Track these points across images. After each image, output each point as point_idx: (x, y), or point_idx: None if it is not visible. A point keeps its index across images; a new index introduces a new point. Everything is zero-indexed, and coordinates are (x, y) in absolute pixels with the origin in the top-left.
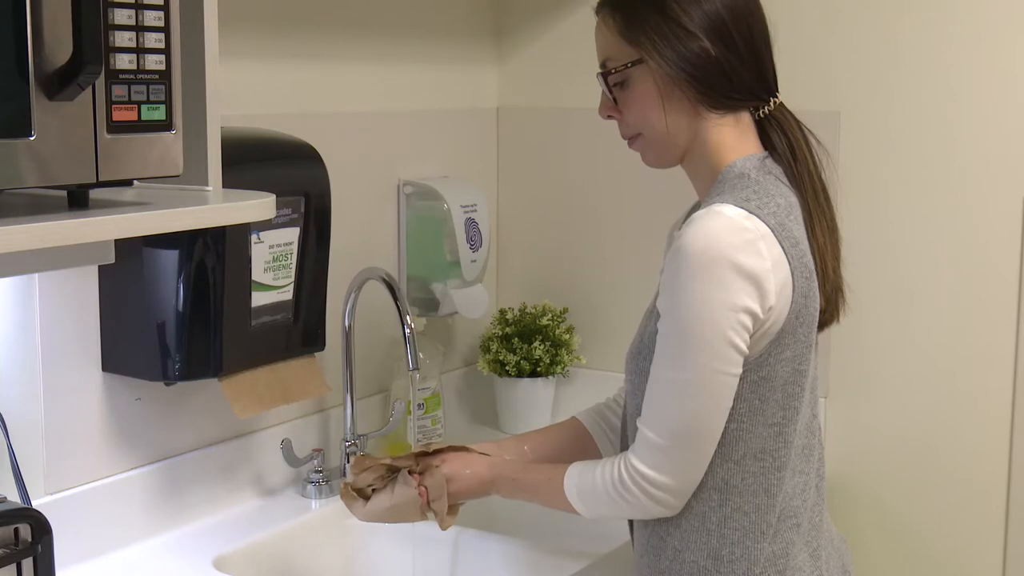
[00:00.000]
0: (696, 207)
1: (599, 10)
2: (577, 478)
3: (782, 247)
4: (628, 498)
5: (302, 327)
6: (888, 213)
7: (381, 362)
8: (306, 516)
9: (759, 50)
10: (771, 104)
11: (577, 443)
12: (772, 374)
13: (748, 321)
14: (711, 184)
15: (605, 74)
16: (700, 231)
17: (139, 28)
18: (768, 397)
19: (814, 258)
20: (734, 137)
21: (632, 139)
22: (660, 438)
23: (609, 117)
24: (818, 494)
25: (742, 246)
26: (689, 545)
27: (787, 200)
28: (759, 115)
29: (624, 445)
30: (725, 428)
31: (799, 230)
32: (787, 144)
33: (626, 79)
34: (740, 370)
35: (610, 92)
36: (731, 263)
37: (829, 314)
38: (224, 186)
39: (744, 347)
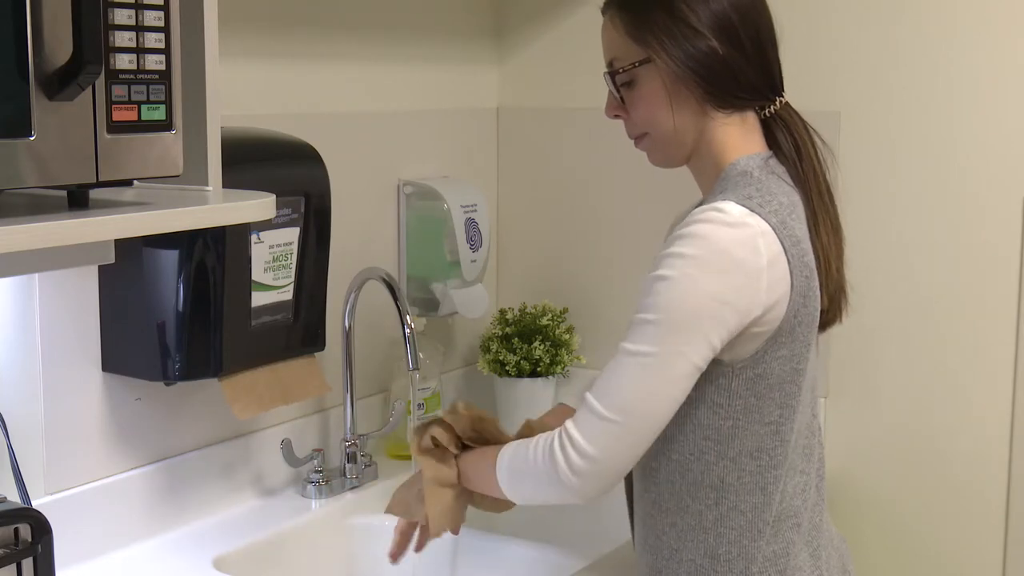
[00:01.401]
0: (699, 205)
1: (605, 10)
2: (513, 449)
3: (782, 245)
4: (546, 464)
5: (302, 327)
6: (888, 213)
7: (381, 362)
8: (306, 516)
9: (765, 49)
10: (777, 104)
11: None
12: (768, 372)
13: (730, 318)
14: (715, 182)
15: (612, 74)
16: (701, 224)
17: (139, 28)
18: (765, 395)
19: (817, 258)
20: (739, 136)
21: (638, 139)
22: (604, 408)
23: (616, 117)
24: (818, 494)
25: (740, 241)
26: (686, 544)
27: (790, 199)
28: (765, 115)
29: None
30: (721, 425)
31: (801, 229)
32: (792, 144)
33: (634, 79)
34: (704, 366)
35: (617, 92)
36: (727, 256)
37: (832, 314)
38: (224, 186)
39: (718, 343)
